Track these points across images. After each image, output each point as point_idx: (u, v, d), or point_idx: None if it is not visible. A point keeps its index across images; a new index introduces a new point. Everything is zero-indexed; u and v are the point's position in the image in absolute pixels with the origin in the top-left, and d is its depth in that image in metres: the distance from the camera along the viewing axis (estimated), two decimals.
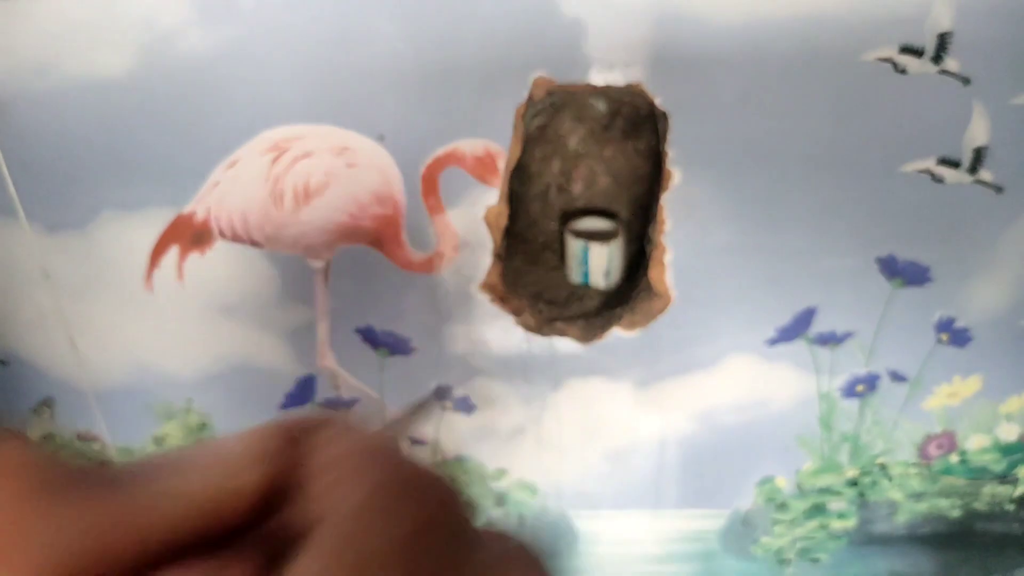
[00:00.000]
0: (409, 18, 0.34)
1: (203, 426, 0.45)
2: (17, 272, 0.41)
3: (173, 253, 0.40)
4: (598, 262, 0.44)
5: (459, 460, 0.46)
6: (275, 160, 0.37)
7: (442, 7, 0.34)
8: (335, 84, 0.36)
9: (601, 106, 0.44)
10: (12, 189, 0.38)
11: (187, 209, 0.39)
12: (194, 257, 0.40)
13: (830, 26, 0.34)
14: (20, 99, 0.36)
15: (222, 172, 0.38)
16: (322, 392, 0.44)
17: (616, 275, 0.45)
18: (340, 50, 0.35)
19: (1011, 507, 0.46)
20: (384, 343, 0.42)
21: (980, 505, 0.46)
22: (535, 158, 0.45)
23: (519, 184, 0.45)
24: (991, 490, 0.46)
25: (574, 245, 0.44)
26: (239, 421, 0.45)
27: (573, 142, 0.46)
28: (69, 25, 0.35)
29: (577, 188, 0.47)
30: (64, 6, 0.34)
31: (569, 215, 0.46)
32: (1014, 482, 0.45)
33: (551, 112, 0.43)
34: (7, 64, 0.36)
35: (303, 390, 0.44)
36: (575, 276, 0.45)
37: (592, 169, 0.46)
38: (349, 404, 0.44)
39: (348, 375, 0.43)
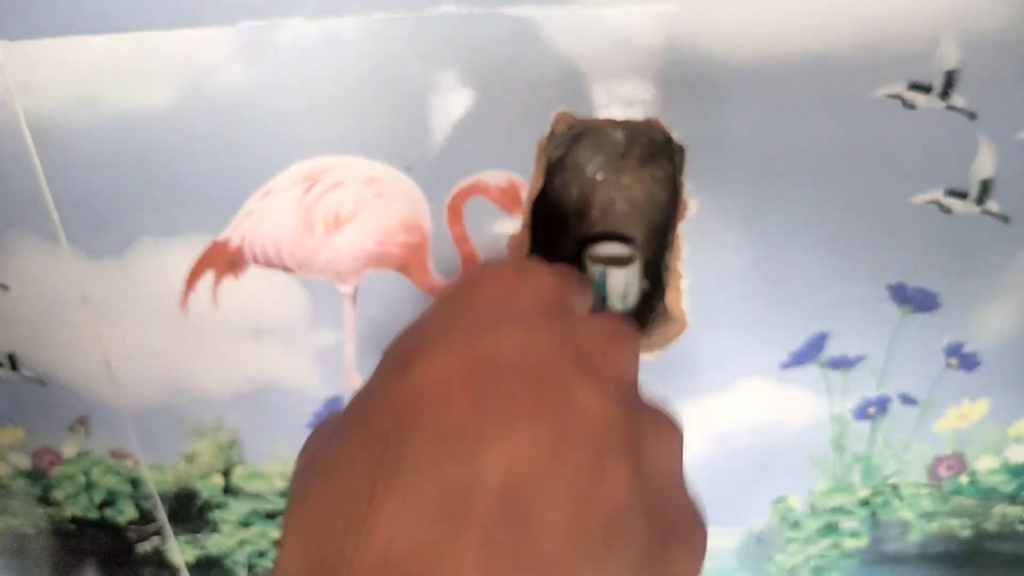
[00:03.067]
0: (435, 58, 0.36)
1: (233, 443, 0.47)
2: (57, 296, 0.43)
3: (208, 278, 0.41)
4: (616, 286, 0.46)
5: None
6: (307, 190, 0.39)
7: (466, 49, 0.35)
8: (365, 118, 0.37)
9: (619, 135, 0.45)
10: (56, 216, 0.40)
11: (222, 236, 0.40)
12: (228, 282, 0.41)
13: (840, 64, 0.35)
14: (65, 132, 0.38)
15: (256, 201, 0.39)
16: None
17: (633, 298, 0.46)
18: (370, 86, 0.36)
19: (1021, 527, 0.47)
20: None
21: (991, 525, 0.47)
22: (555, 185, 0.47)
23: (541, 209, 0.46)
24: (1001, 510, 0.47)
25: (593, 270, 0.46)
26: (268, 439, 0.47)
27: (591, 169, 0.47)
28: (112, 62, 0.37)
29: (595, 214, 0.48)
30: (108, 44, 0.36)
31: (587, 240, 0.48)
32: None
33: (570, 142, 0.45)
34: (53, 98, 0.37)
35: (330, 409, 0.45)
36: (594, 300, 0.47)
37: (609, 195, 0.48)
38: None
39: None
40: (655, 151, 0.46)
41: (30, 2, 0.35)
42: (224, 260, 0.41)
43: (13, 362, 0.45)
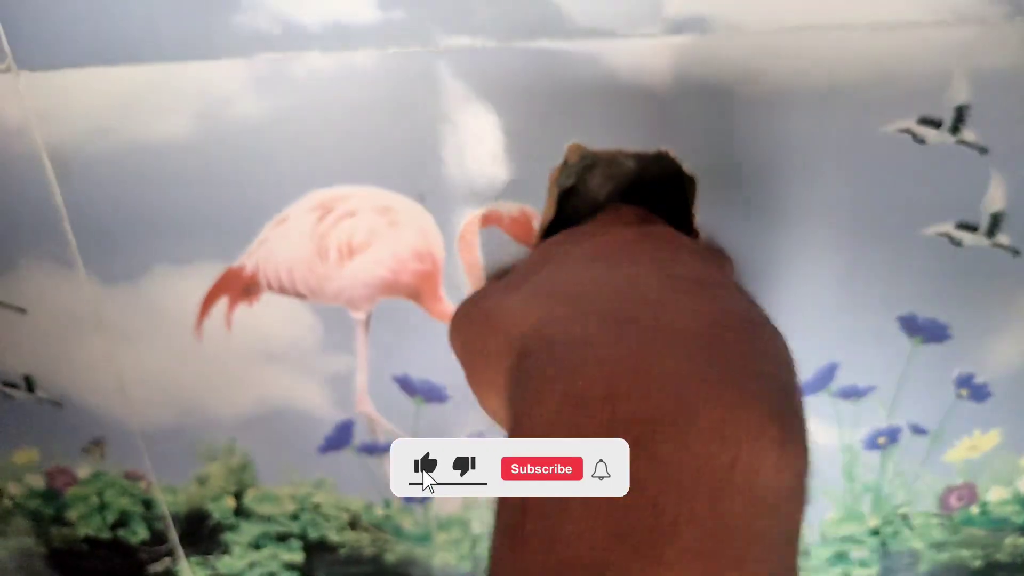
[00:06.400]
0: (448, 90, 0.36)
1: (245, 466, 0.47)
2: (73, 320, 0.43)
3: (222, 304, 0.42)
4: None
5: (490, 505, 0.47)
6: (321, 218, 0.39)
7: (478, 79, 0.36)
8: (379, 149, 0.38)
9: (631, 164, 0.46)
10: (73, 242, 0.41)
11: (237, 263, 0.41)
12: (242, 308, 0.42)
13: (850, 99, 0.35)
14: (83, 160, 0.39)
15: (271, 229, 0.40)
16: (359, 436, 0.46)
17: None
18: (384, 117, 0.37)
19: None
20: (420, 391, 0.44)
21: (1002, 556, 0.47)
22: (567, 212, 0.47)
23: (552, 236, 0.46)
24: (1013, 541, 0.47)
25: None
26: (279, 462, 0.47)
27: (603, 196, 0.47)
28: (130, 92, 0.37)
29: None
30: (125, 75, 0.37)
31: None
32: None
33: (582, 171, 0.45)
34: (72, 127, 0.38)
35: (341, 434, 0.46)
36: None
37: None
38: (385, 448, 0.46)
39: (385, 420, 0.45)
40: (667, 181, 0.47)
41: (50, 33, 0.36)
42: (238, 286, 0.41)
43: (30, 384, 0.46)
